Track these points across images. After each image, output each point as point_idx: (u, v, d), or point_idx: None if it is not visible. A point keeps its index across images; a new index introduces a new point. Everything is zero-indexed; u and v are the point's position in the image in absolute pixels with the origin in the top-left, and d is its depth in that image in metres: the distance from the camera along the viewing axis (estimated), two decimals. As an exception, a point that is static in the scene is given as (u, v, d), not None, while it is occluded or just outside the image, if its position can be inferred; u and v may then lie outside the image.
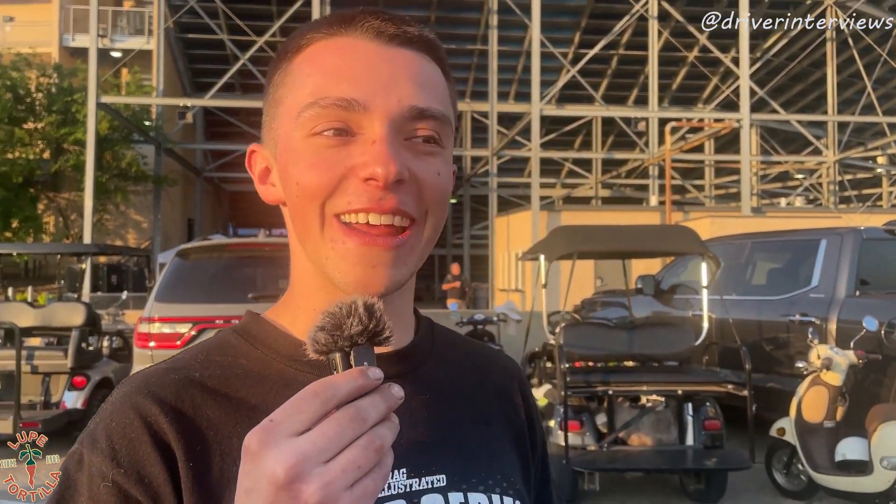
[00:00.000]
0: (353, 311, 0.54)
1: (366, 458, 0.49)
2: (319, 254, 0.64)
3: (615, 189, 30.96)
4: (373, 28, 0.65)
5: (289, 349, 0.69)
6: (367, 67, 0.63)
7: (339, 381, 0.51)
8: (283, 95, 0.67)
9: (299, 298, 0.71)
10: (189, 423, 0.63)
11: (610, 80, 27.26)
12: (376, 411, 0.51)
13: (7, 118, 20.85)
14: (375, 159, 0.60)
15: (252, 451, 0.49)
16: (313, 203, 0.63)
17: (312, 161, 0.62)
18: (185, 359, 0.69)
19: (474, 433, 0.74)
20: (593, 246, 5.76)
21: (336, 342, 0.53)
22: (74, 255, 11.27)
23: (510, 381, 0.82)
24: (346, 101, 0.61)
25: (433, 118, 0.64)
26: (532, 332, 7.36)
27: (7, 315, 7.33)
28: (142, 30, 24.71)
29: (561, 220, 18.13)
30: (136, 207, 24.43)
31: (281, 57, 0.69)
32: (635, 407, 5.10)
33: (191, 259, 6.09)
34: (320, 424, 0.49)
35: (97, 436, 0.63)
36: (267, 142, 0.70)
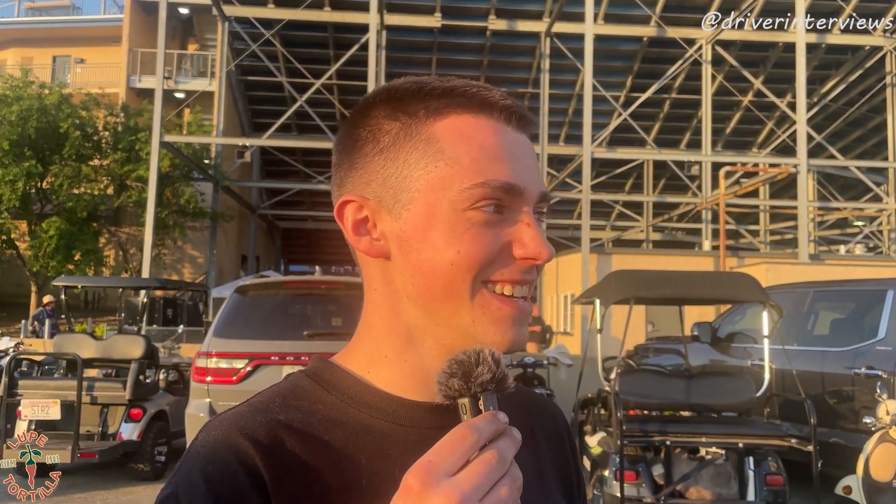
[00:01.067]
0: (483, 359, 0.58)
1: (511, 496, 0.54)
2: (464, 315, 0.68)
3: (666, 233, 30.56)
4: (513, 115, 0.70)
5: (363, 396, 0.71)
6: (520, 153, 0.70)
7: (481, 425, 0.55)
8: (422, 159, 0.69)
9: (386, 347, 0.72)
10: (281, 465, 0.64)
11: (662, 123, 27.11)
12: (510, 452, 0.56)
13: (75, 155, 21.74)
14: (536, 242, 0.67)
15: (415, 491, 0.52)
16: (471, 271, 0.67)
17: (474, 234, 0.67)
18: (263, 401, 0.70)
19: (534, 484, 0.75)
20: (651, 291, 5.68)
21: (469, 388, 0.58)
22: (135, 289, 11.59)
23: (557, 429, 0.85)
24: (512, 186, 0.67)
25: (548, 200, 0.73)
26: (584, 377, 7.25)
27: (70, 346, 7.56)
28: (205, 72, 25.63)
29: (612, 263, 17.94)
30: (193, 243, 25.04)
31: (398, 111, 0.70)
32: (694, 459, 4.96)
33: (249, 295, 6.20)
34: (472, 465, 0.54)
35: (193, 479, 0.63)
36: (380, 196, 0.70)
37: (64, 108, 21.75)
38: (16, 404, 6.94)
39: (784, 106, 21.44)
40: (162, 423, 7.44)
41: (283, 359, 5.61)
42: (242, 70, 24.83)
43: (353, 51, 19.76)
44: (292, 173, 26.37)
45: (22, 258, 22.49)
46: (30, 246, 21.91)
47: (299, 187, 25.66)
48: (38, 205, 22.71)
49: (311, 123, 22.16)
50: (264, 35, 21.03)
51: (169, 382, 8.29)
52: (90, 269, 21.86)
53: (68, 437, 6.75)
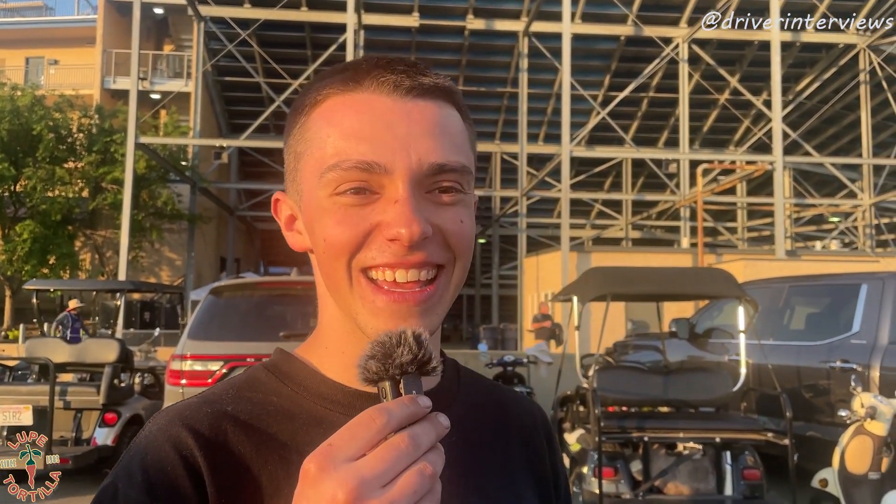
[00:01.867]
0: (403, 340, 0.55)
1: (421, 484, 0.50)
2: (350, 307, 0.66)
3: (645, 231, 30.76)
4: (388, 82, 0.65)
5: (319, 388, 0.70)
6: (384, 126, 0.64)
7: (394, 408, 0.52)
8: (303, 151, 0.68)
9: (328, 340, 0.72)
10: (221, 457, 0.63)
11: (640, 121, 27.29)
12: (427, 438, 0.52)
13: (49, 157, 21.44)
14: (398, 220, 0.61)
15: (311, 476, 0.50)
16: (340, 259, 0.64)
17: (338, 218, 0.64)
18: (216, 393, 0.69)
19: (498, 480, 0.73)
20: (628, 288, 5.68)
21: (387, 370, 0.54)
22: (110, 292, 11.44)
23: (535, 427, 0.82)
24: (367, 164, 0.63)
25: (453, 171, 0.65)
26: (564, 374, 7.25)
27: (42, 351, 7.43)
28: (181, 73, 25.42)
29: (591, 261, 18.01)
30: (171, 245, 24.82)
31: (298, 110, 0.70)
32: (672, 454, 4.96)
33: (224, 297, 6.13)
34: (377, 450, 0.50)
35: (132, 469, 0.62)
36: (290, 192, 0.72)
37: (37, 109, 21.45)
38: (-13, 410, 6.82)
39: (760, 104, 21.65)
40: (137, 428, 7.32)
41: (259, 360, 5.54)
42: (219, 71, 24.64)
43: (331, 51, 19.68)
44: (271, 174, 26.22)
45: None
46: (3, 250, 21.58)
47: (278, 188, 25.41)
48: (11, 208, 22.37)
49: (289, 124, 22.03)
50: (240, 35, 20.88)
51: (144, 386, 8.18)
52: (65, 273, 21.59)
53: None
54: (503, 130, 27.58)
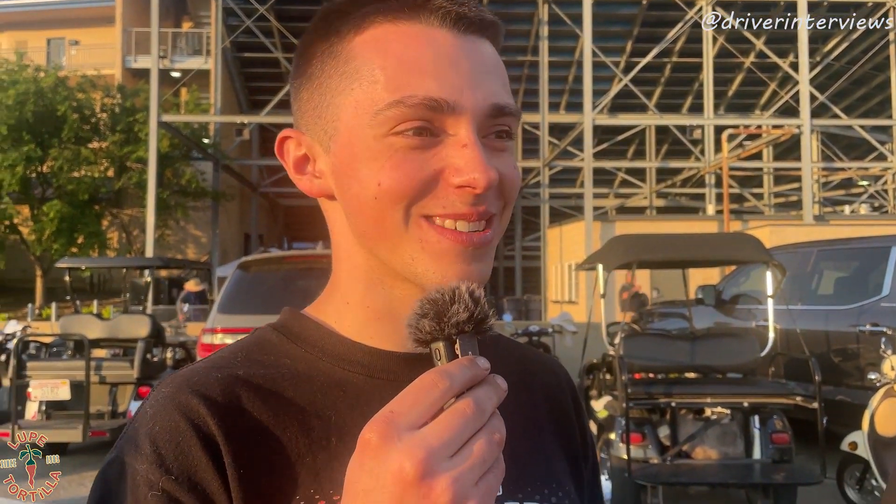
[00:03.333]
0: (458, 297, 0.51)
1: (490, 452, 0.47)
2: (402, 253, 0.60)
3: (670, 198, 30.47)
4: (448, 16, 0.59)
5: (335, 348, 0.65)
6: (450, 63, 0.58)
7: (454, 371, 0.48)
8: (341, 84, 0.61)
9: (348, 294, 0.66)
10: (237, 425, 0.58)
11: (663, 88, 26.91)
12: (490, 402, 0.49)
13: (74, 138, 21.70)
14: (471, 166, 0.57)
15: (373, 446, 0.46)
16: (398, 204, 0.58)
17: (396, 162, 0.58)
18: (224, 357, 0.64)
19: (526, 439, 0.70)
20: (653, 255, 5.65)
21: (443, 330, 0.50)
22: (139, 269, 11.63)
23: (561, 388, 0.78)
24: (435, 102, 0.57)
25: (510, 114, 0.61)
26: (589, 343, 7.27)
27: (77, 327, 7.59)
28: (200, 50, 25.45)
29: (615, 231, 17.92)
30: (196, 223, 25.08)
31: (328, 36, 0.62)
32: (699, 419, 4.97)
33: (251, 271, 6.20)
34: (442, 416, 0.47)
35: (139, 441, 0.57)
36: (312, 130, 0.64)
37: (60, 90, 21.67)
38: (25, 386, 7.00)
39: (787, 66, 21.22)
40: (171, 401, 7.48)
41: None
42: (238, 47, 24.63)
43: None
44: (292, 150, 26.28)
45: (25, 243, 22.56)
46: (32, 230, 21.96)
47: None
48: (38, 189, 22.73)
49: (310, 99, 22.03)
50: (258, 10, 20.82)
51: (176, 361, 8.33)
52: (93, 252, 21.94)
53: (79, 417, 6.81)
54: (524, 100, 27.33)
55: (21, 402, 7.01)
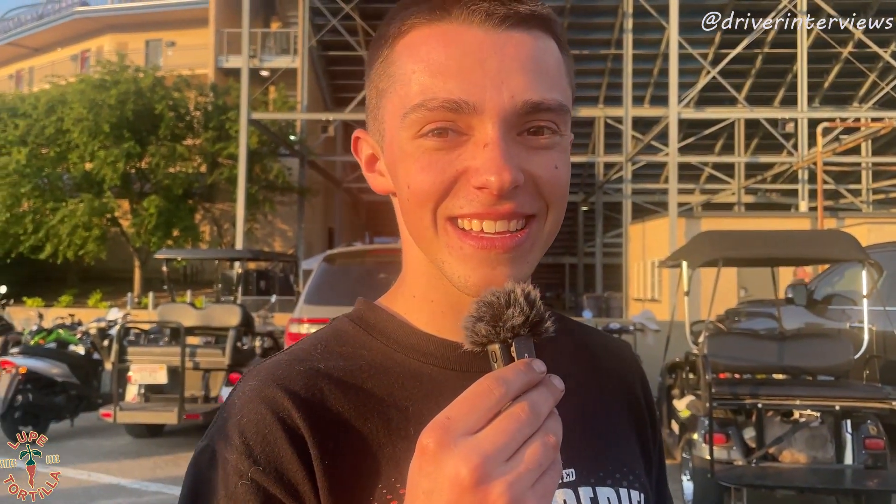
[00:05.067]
0: (514, 301, 0.51)
1: (545, 455, 0.47)
2: (435, 255, 0.62)
3: (760, 194, 29.39)
4: (479, 11, 0.58)
5: (409, 339, 0.67)
6: (474, 61, 0.58)
7: (510, 376, 0.49)
8: (386, 87, 0.63)
9: (413, 288, 0.68)
10: (320, 417, 0.60)
11: (754, 79, 25.94)
12: (546, 405, 0.49)
13: (170, 135, 22.73)
14: (487, 166, 0.56)
15: (430, 452, 0.47)
16: (425, 206, 0.60)
17: (423, 164, 0.59)
18: (304, 349, 0.66)
19: (598, 424, 0.71)
20: (741, 252, 5.50)
21: (499, 334, 0.51)
22: (230, 261, 12.13)
23: (630, 371, 0.79)
24: (455, 103, 0.57)
25: (549, 110, 0.59)
26: (672, 342, 7.13)
27: (173, 315, 7.99)
28: (287, 49, 26.16)
29: (700, 227, 17.44)
30: (282, 217, 25.84)
31: (381, 41, 0.64)
32: (787, 422, 4.83)
33: (336, 264, 6.39)
34: (497, 421, 0.47)
35: (229, 431, 0.60)
36: (372, 130, 0.67)
37: (158, 90, 22.73)
38: (126, 370, 7.43)
39: (888, 56, 20.12)
40: (259, 388, 7.77)
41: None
42: (324, 45, 25.19)
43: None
44: (375, 146, 26.67)
45: (125, 235, 23.78)
46: (132, 223, 23.14)
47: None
48: (137, 184, 23.93)
49: (392, 95, 22.30)
50: (343, 9, 21.24)
51: (264, 349, 8.65)
52: (188, 244, 22.92)
53: (175, 400, 7.18)
54: (607, 94, 26.89)
55: (122, 385, 7.44)
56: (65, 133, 22.15)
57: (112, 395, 7.35)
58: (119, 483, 6.11)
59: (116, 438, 7.71)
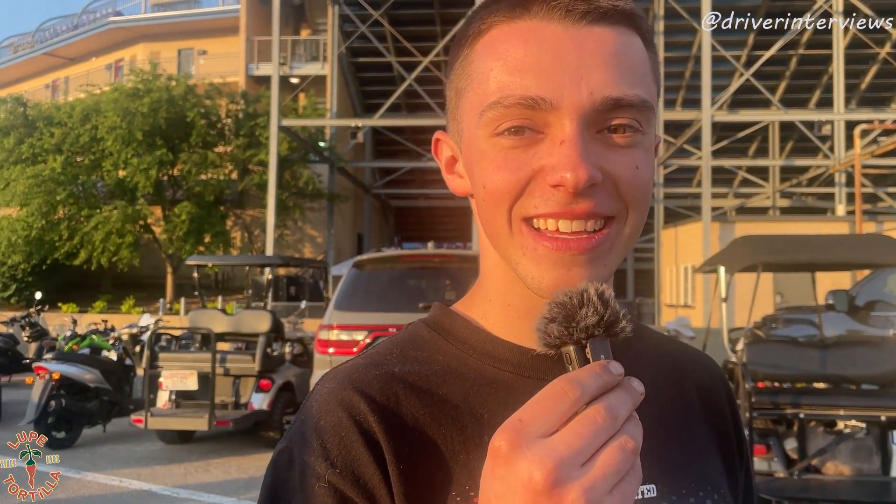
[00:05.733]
0: (587, 300, 0.50)
1: (624, 460, 0.46)
2: (510, 256, 0.61)
3: (795, 198, 28.87)
4: (559, 7, 0.58)
5: (484, 345, 0.66)
6: (553, 57, 0.57)
7: (585, 378, 0.48)
8: (465, 86, 0.63)
9: (490, 292, 0.68)
10: (396, 422, 0.61)
11: (788, 81, 25.52)
12: (624, 408, 0.47)
13: (201, 143, 23.01)
14: (563, 163, 0.55)
15: (503, 454, 0.46)
16: (500, 207, 0.59)
17: (498, 163, 0.59)
18: (380, 353, 0.67)
19: (680, 438, 0.69)
20: (781, 257, 5.34)
21: (572, 334, 0.50)
22: (261, 266, 12.17)
23: (714, 383, 0.76)
24: (532, 100, 0.57)
25: (631, 106, 0.58)
26: (707, 349, 6.98)
27: (204, 321, 8.03)
28: (317, 56, 26.35)
29: (735, 232, 17.15)
30: (312, 223, 25.99)
31: (461, 42, 0.65)
32: (830, 432, 4.67)
33: (366, 270, 6.36)
34: (572, 424, 0.46)
35: (306, 433, 0.61)
36: (452, 131, 0.67)
37: (190, 98, 23.01)
38: (157, 376, 7.47)
39: (928, 55, 19.63)
40: (289, 394, 7.78)
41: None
42: (353, 52, 25.32)
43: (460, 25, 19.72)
44: (403, 152, 26.75)
45: (158, 241, 24.09)
46: (164, 230, 23.43)
47: (410, 166, 26.01)
48: (169, 191, 24.23)
49: (421, 102, 22.35)
50: (372, 16, 21.33)
51: (294, 355, 8.65)
52: (219, 250, 23.15)
53: (205, 407, 7.20)
54: (637, 98, 26.63)
55: (153, 391, 7.48)
56: (99, 141, 22.52)
57: (143, 400, 7.40)
58: (150, 489, 6.12)
59: (147, 444, 7.75)
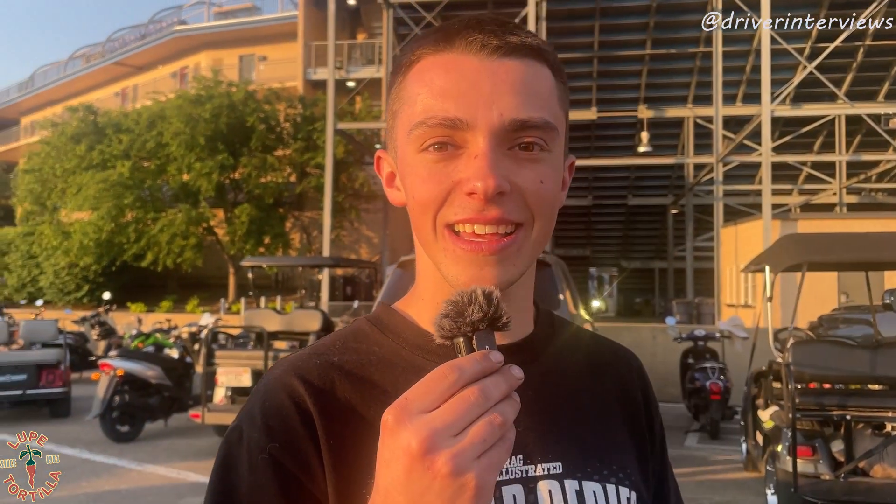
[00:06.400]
0: (474, 299, 0.58)
1: (490, 432, 0.53)
2: (435, 257, 0.70)
3: (864, 194, 27.83)
4: (475, 42, 0.67)
5: (416, 338, 0.75)
6: (470, 85, 0.66)
7: (465, 364, 0.55)
8: (398, 109, 0.71)
9: (423, 292, 0.76)
10: (329, 403, 0.69)
11: (855, 74, 24.61)
12: (498, 390, 0.54)
13: (261, 147, 23.57)
14: (476, 174, 0.63)
15: (389, 427, 0.54)
16: (427, 214, 0.68)
17: (424, 176, 0.67)
18: (325, 345, 0.76)
19: (592, 424, 0.76)
20: (828, 256, 5.21)
21: (459, 328, 0.58)
22: (314, 267, 12.44)
23: (630, 374, 0.84)
24: (451, 120, 0.65)
25: (535, 127, 0.66)
26: (759, 349, 6.84)
27: (258, 320, 8.27)
28: (372, 60, 26.67)
29: (797, 229, 16.67)
30: (368, 224, 26.33)
31: (397, 70, 0.73)
32: (879, 435, 4.55)
33: (409, 269, 6.45)
34: (448, 402, 0.53)
35: (254, 414, 0.69)
36: (389, 149, 0.76)
37: (250, 103, 23.61)
38: (213, 373, 7.74)
39: None
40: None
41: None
42: (407, 55, 25.54)
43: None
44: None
45: (220, 243, 24.79)
46: (226, 232, 24.10)
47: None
48: (231, 194, 24.90)
49: (475, 102, 22.33)
50: (425, 18, 21.48)
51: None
52: (278, 251, 23.68)
53: (258, 403, 7.41)
54: (696, 93, 26.09)
55: (210, 388, 7.74)
56: (164, 146, 23.30)
57: (201, 396, 7.67)
58: (206, 482, 6.36)
59: (205, 438, 8.03)
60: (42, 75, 43.22)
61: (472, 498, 0.52)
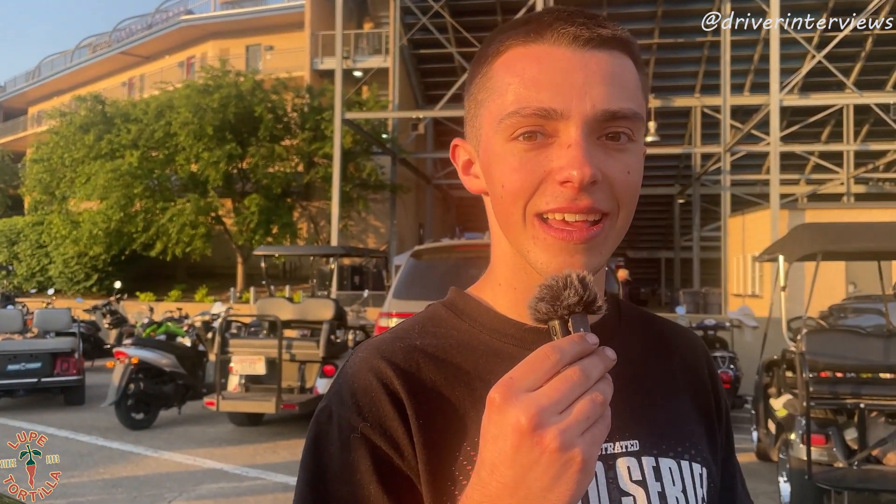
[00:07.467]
0: (569, 283, 0.60)
1: (593, 410, 0.56)
2: (522, 245, 0.71)
3: (871, 184, 27.73)
4: (567, 34, 0.68)
5: (492, 322, 0.77)
6: (563, 75, 0.67)
7: (565, 345, 0.57)
8: (484, 98, 0.73)
9: (499, 277, 0.78)
10: (416, 384, 0.72)
11: (863, 63, 24.49)
12: (597, 370, 0.57)
13: (269, 136, 23.58)
14: (571, 163, 0.65)
15: (497, 404, 0.56)
16: (517, 203, 0.69)
17: (515, 165, 0.69)
18: (404, 329, 0.78)
19: (663, 403, 0.79)
20: (842, 245, 5.24)
21: (556, 311, 0.60)
22: (324, 256, 12.50)
23: (696, 355, 0.87)
24: (545, 110, 0.67)
25: (625, 118, 0.68)
26: (770, 338, 6.88)
27: (271, 309, 8.33)
28: (379, 49, 26.62)
29: (805, 219, 16.64)
30: (375, 214, 26.35)
31: (481, 60, 0.75)
32: (892, 423, 4.59)
33: (424, 259, 6.50)
34: (552, 381, 0.56)
35: (343, 394, 0.72)
36: (469, 137, 0.77)
37: (257, 93, 23.59)
38: (228, 361, 7.81)
39: None
40: (352, 380, 7.99)
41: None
42: (414, 44, 25.49)
43: (521, 14, 19.61)
44: (465, 142, 26.75)
45: (228, 233, 24.86)
46: (235, 222, 24.16)
47: (473, 155, 26.01)
48: (239, 184, 24.94)
49: (482, 91, 22.28)
50: (433, 7, 21.42)
51: (357, 342, 8.88)
52: (286, 241, 23.73)
53: (272, 391, 7.49)
54: (703, 82, 26.00)
55: (224, 376, 7.82)
56: (172, 136, 23.33)
57: (215, 384, 7.75)
58: (222, 468, 6.43)
59: (219, 426, 8.11)
60: (49, 65, 43.28)
61: (578, 472, 0.55)
